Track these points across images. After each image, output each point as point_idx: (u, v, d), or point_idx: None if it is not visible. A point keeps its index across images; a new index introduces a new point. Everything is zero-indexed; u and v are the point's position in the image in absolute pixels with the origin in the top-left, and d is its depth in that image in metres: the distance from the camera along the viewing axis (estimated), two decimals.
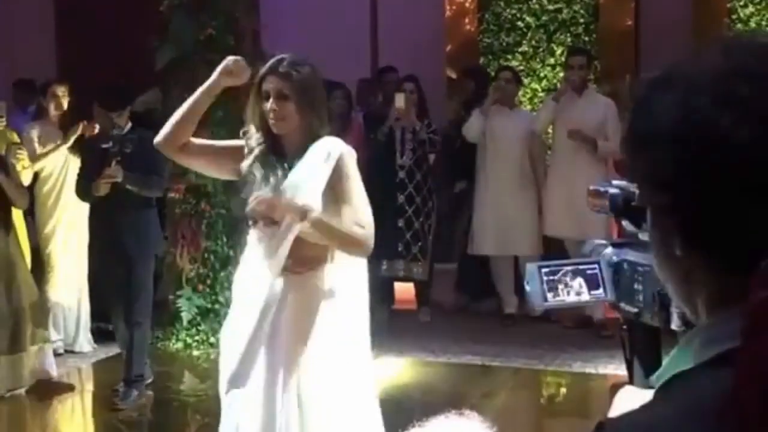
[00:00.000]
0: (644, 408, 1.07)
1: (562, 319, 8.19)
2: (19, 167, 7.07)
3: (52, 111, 7.63)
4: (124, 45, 9.39)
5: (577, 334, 7.98)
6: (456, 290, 9.05)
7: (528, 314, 8.30)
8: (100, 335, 7.95)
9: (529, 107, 9.66)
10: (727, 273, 1.02)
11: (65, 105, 7.64)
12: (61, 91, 7.64)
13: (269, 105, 3.82)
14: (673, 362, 1.08)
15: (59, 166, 7.64)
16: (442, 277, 9.01)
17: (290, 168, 3.82)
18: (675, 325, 1.35)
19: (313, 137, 3.84)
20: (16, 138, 7.32)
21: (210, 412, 6.61)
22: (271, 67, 3.87)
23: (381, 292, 8.66)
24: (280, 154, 3.87)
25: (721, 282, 1.02)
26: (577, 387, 7.18)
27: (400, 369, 7.35)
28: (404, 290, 8.82)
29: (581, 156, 7.90)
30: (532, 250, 8.25)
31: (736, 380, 0.94)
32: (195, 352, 7.63)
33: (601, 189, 1.51)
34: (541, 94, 10.46)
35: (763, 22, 10.16)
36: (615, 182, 1.49)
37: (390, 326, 8.34)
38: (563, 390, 7.22)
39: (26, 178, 7.27)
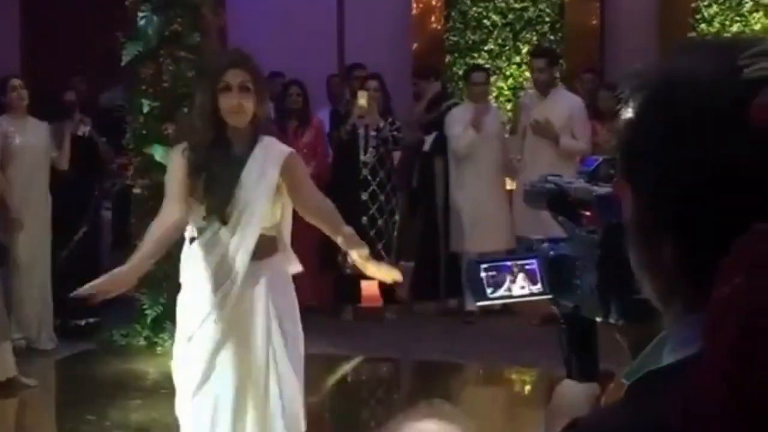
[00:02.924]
0: (615, 409, 1.07)
1: (528, 317, 8.21)
2: None
3: (19, 102, 7.60)
4: (89, 40, 9.33)
5: (542, 331, 7.99)
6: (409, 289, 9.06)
7: (490, 312, 8.35)
8: (63, 332, 7.90)
9: (495, 105, 9.68)
10: (710, 280, 1.02)
11: (26, 96, 7.64)
12: (20, 83, 7.64)
13: (231, 98, 3.84)
14: (644, 360, 1.08)
15: (26, 163, 7.61)
16: (409, 276, 9.02)
17: (239, 162, 3.90)
18: (613, 318, 1.36)
19: (260, 130, 3.95)
20: None
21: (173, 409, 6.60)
22: (233, 60, 3.91)
23: (345, 290, 8.67)
24: (226, 146, 3.92)
25: (703, 287, 1.02)
26: (543, 384, 7.20)
27: (366, 367, 7.36)
28: (370, 288, 8.82)
29: (550, 156, 7.92)
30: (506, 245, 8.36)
31: (696, 384, 0.94)
32: (159, 349, 7.59)
33: (537, 185, 1.52)
34: (506, 92, 10.49)
35: (727, 22, 10.23)
36: (550, 178, 1.50)
37: (355, 324, 8.35)
38: (528, 387, 7.26)
39: None
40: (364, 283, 8.70)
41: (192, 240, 4.01)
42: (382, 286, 8.68)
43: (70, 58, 9.84)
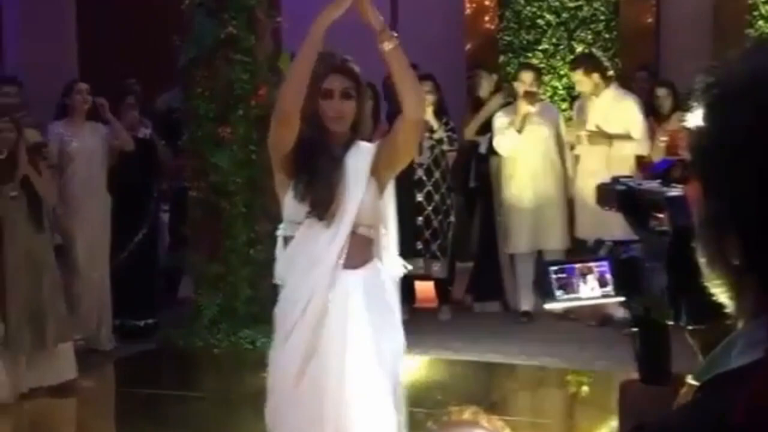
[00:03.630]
0: (682, 411, 1.06)
1: (584, 318, 8.16)
2: (43, 165, 7.11)
3: (82, 106, 7.71)
4: (145, 44, 9.43)
5: (599, 332, 7.95)
6: (466, 289, 9.02)
7: (546, 313, 8.31)
8: (122, 333, 7.98)
9: (549, 104, 9.61)
10: None
11: (89, 101, 7.75)
12: (86, 88, 7.75)
13: (333, 104, 3.82)
14: (714, 362, 1.07)
15: (84, 166, 7.70)
16: (464, 276, 9.00)
17: (338, 162, 3.85)
18: (683, 321, 1.35)
19: (358, 135, 3.92)
20: (38, 136, 7.38)
21: (233, 408, 6.63)
22: (335, 65, 3.87)
23: (401, 290, 8.66)
24: (325, 148, 3.87)
25: None
26: (601, 385, 7.15)
27: (422, 368, 7.34)
28: (425, 289, 8.81)
29: (608, 157, 7.84)
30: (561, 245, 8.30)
31: (758, 385, 0.93)
32: (216, 350, 7.65)
33: (609, 186, 1.51)
34: (561, 92, 10.43)
35: None
36: (622, 179, 1.49)
37: (410, 325, 8.34)
38: (586, 388, 7.20)
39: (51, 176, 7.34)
40: (418, 284, 8.70)
41: (286, 240, 3.95)
42: (437, 286, 8.69)
43: (126, 61, 9.94)
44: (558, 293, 1.45)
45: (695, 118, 1.08)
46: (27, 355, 6.59)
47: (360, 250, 3.87)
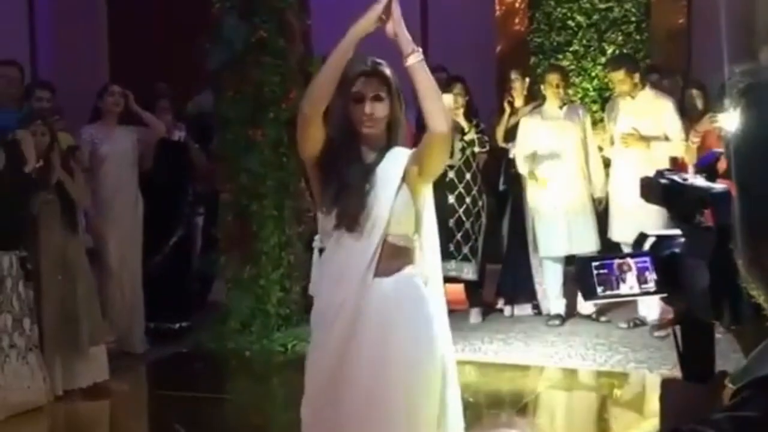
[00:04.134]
0: (718, 415, 1.05)
1: (616, 320, 8.14)
2: (76, 168, 7.16)
3: (113, 108, 7.75)
4: (176, 47, 9.47)
5: (630, 334, 7.92)
6: (496, 292, 9.00)
7: (577, 315, 8.30)
8: (156, 335, 8.00)
9: (577, 105, 9.57)
10: None
11: (122, 104, 7.79)
12: (120, 91, 7.78)
13: (364, 108, 3.75)
14: (751, 366, 1.06)
15: (114, 169, 7.74)
16: (495, 278, 8.98)
17: (369, 170, 3.77)
18: (726, 320, 1.33)
19: (394, 140, 3.82)
20: (71, 140, 7.43)
21: (264, 411, 6.66)
22: (366, 69, 3.79)
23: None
24: (357, 154, 3.81)
25: None
26: (633, 388, 7.12)
27: None
28: (455, 291, 8.80)
29: (643, 159, 7.79)
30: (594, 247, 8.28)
31: None
32: (246, 353, 7.67)
33: (653, 180, 1.50)
34: (592, 94, 10.37)
35: None
36: (666, 174, 1.48)
37: None
38: (618, 391, 7.17)
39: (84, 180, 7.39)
40: (449, 286, 8.69)
41: (321, 252, 3.86)
42: (468, 288, 8.68)
43: (157, 64, 9.99)
44: (599, 289, 1.44)
45: (730, 121, 1.07)
46: (62, 357, 6.63)
47: (390, 259, 3.77)
